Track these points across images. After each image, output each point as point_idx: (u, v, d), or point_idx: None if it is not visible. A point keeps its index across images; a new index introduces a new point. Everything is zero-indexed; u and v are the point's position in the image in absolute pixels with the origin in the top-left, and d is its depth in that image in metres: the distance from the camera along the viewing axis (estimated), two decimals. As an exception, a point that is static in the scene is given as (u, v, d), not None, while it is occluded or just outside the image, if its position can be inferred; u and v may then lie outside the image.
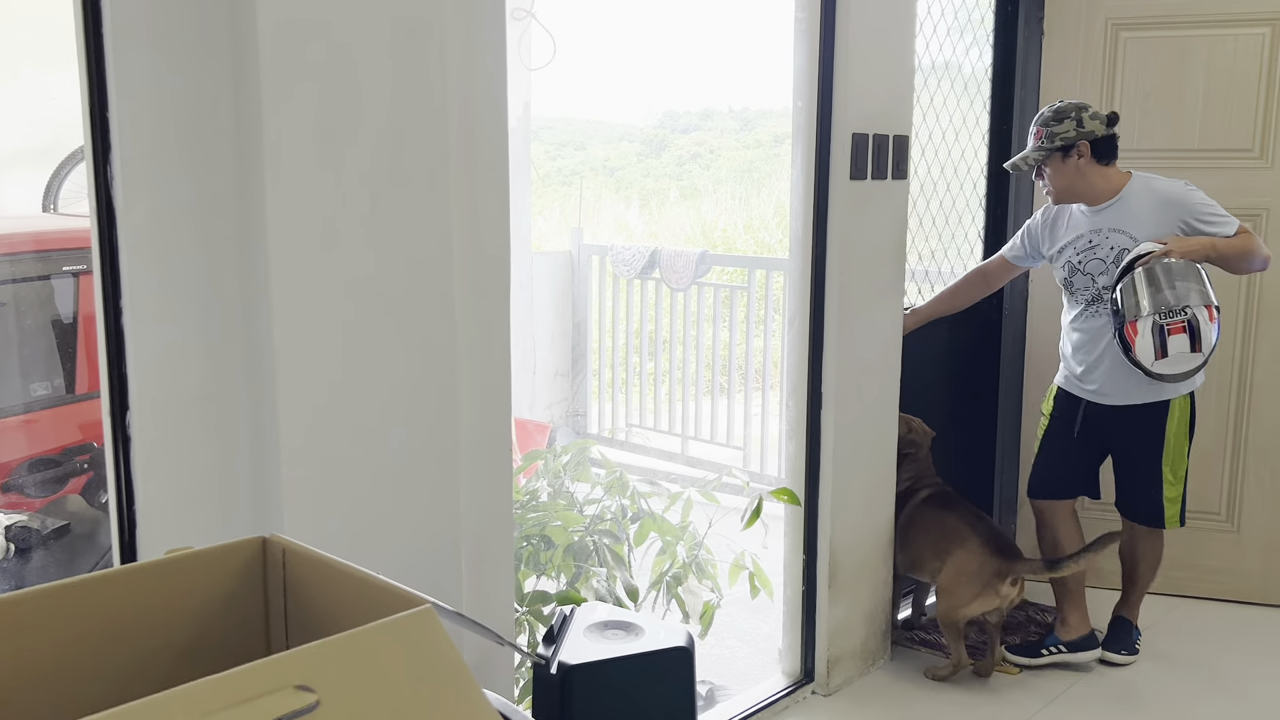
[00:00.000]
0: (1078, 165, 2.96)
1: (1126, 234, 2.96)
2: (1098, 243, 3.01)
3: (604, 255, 5.74)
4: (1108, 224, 2.99)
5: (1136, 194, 2.97)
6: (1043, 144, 2.96)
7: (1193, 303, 2.75)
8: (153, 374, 1.60)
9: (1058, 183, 2.99)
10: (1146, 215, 2.94)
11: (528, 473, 3.01)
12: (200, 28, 1.58)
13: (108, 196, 1.55)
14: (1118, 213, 2.99)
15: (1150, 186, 2.98)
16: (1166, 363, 2.79)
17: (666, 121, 16.04)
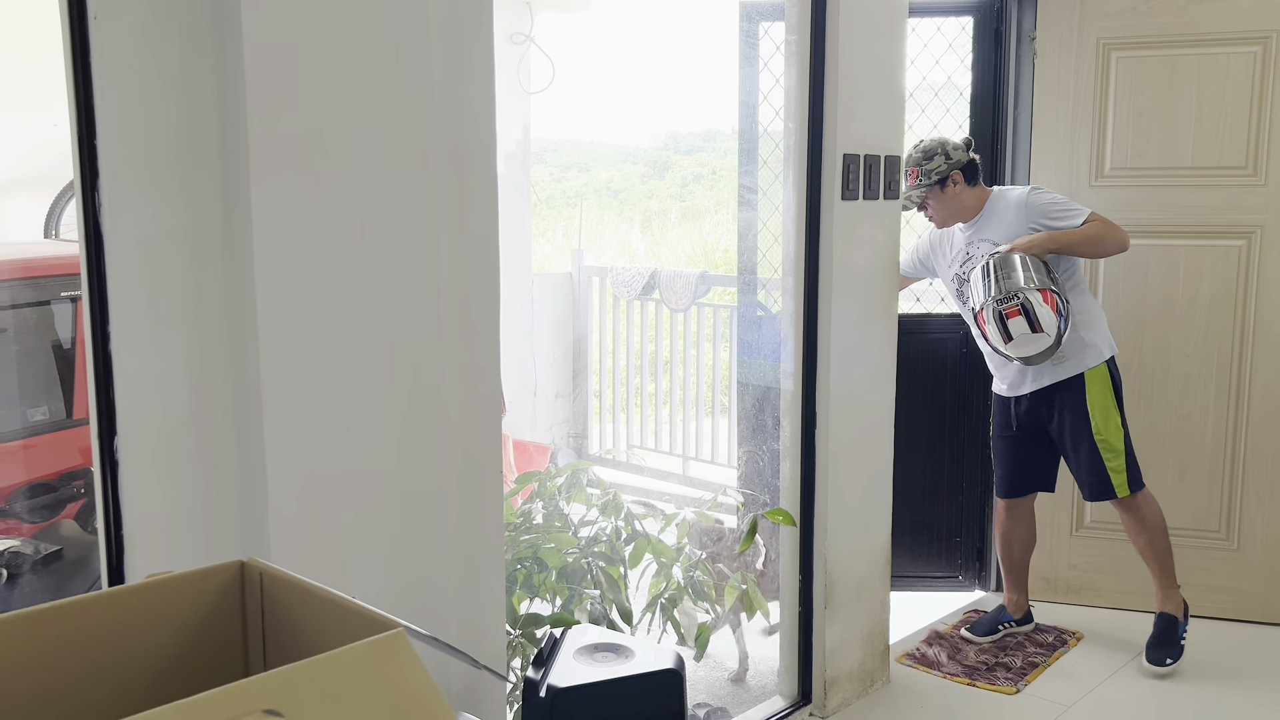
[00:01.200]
0: (955, 192, 3.28)
1: (990, 240, 3.25)
2: (972, 254, 3.31)
3: (604, 277, 5.77)
4: (977, 235, 3.31)
5: (995, 204, 3.30)
6: (920, 181, 3.26)
7: (1024, 287, 3.00)
8: (141, 399, 1.61)
9: (940, 211, 3.31)
10: (1004, 222, 3.25)
11: (523, 494, 3.01)
12: (186, 57, 1.60)
13: (96, 223, 1.57)
14: (983, 224, 3.31)
15: (1004, 196, 3.31)
16: (1015, 345, 3.04)
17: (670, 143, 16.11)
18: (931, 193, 3.27)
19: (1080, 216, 3.15)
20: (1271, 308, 3.53)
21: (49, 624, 1.05)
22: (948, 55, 3.73)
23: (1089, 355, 3.22)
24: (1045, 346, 3.03)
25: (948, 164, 3.24)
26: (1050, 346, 3.04)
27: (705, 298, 5.48)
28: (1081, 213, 3.16)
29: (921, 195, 3.27)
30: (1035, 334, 3.00)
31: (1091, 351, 3.22)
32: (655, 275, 5.53)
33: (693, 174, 15.47)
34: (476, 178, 1.92)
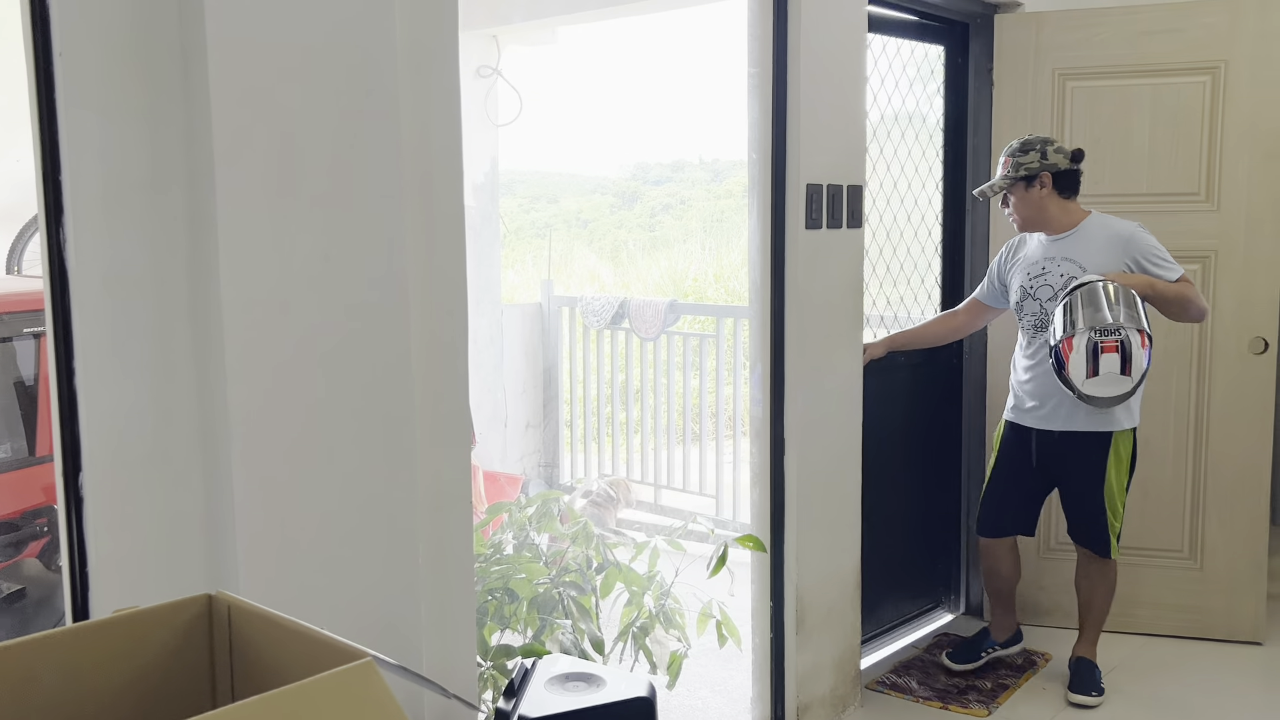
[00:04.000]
0: (1040, 195, 3.14)
1: (1076, 263, 3.10)
2: (1049, 270, 3.16)
3: (574, 306, 5.78)
4: (1060, 253, 3.15)
5: (1092, 229, 3.14)
6: (1008, 173, 3.15)
7: (1127, 324, 2.88)
8: (106, 434, 1.61)
9: (1021, 211, 3.17)
10: (1098, 249, 3.10)
11: (493, 525, 3.01)
12: (152, 93, 1.61)
13: (60, 259, 1.57)
14: (1072, 244, 3.15)
15: (1106, 223, 3.15)
16: (1097, 382, 2.90)
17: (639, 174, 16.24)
18: (1015, 188, 3.15)
19: (1176, 273, 3.05)
20: (1227, 331, 3.60)
21: (15, 660, 1.05)
22: (925, 84, 3.80)
23: (1124, 417, 3.13)
24: (1124, 391, 2.92)
25: (1041, 163, 3.12)
26: (1127, 393, 2.93)
27: (675, 326, 5.51)
28: (1178, 269, 3.06)
29: (1004, 186, 3.15)
30: (1122, 376, 2.88)
31: (1126, 415, 3.14)
32: (625, 304, 5.56)
33: (661, 204, 15.59)
34: (443, 210, 1.94)
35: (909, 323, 3.81)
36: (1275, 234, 3.56)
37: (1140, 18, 3.62)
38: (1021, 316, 3.24)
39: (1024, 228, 3.22)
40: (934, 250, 3.85)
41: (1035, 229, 3.21)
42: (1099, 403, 2.97)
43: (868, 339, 3.48)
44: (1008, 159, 3.15)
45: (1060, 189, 3.15)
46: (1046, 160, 3.12)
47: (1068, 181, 3.15)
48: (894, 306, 3.79)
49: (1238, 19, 3.51)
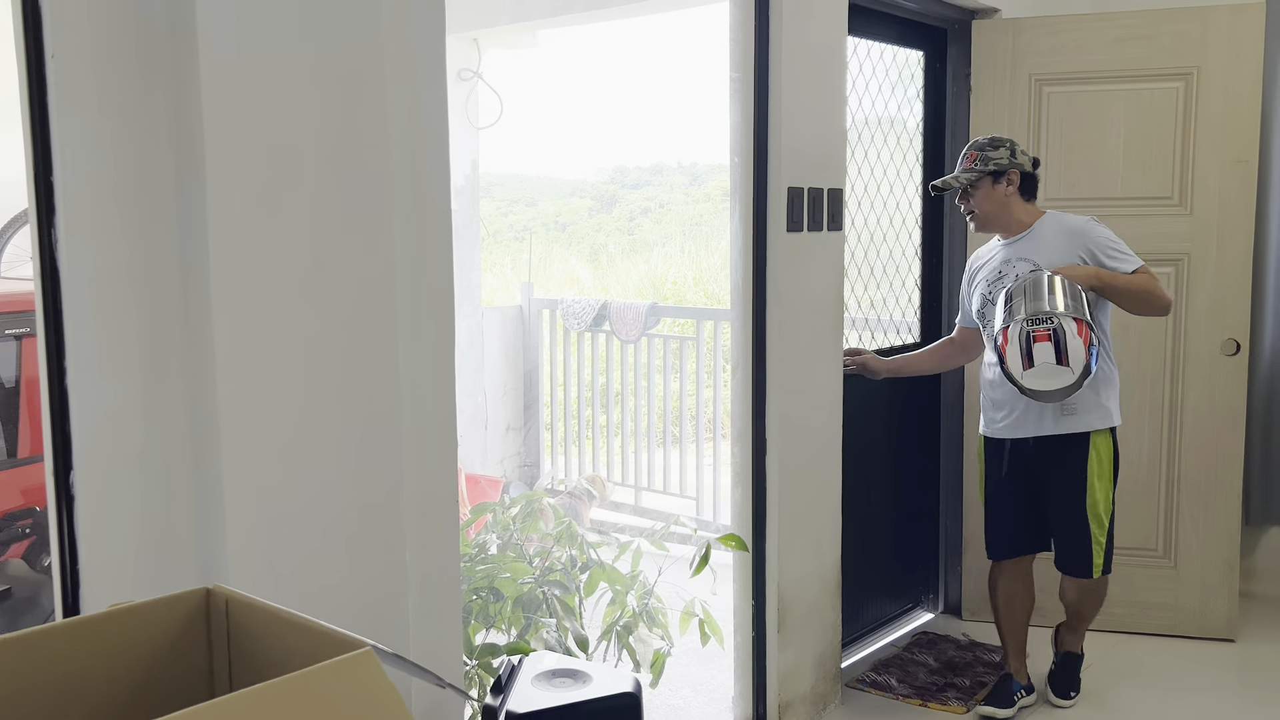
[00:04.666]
0: (1005, 193, 3.05)
1: (1032, 262, 3.00)
2: (1005, 272, 3.06)
3: (554, 309, 5.80)
4: (1017, 254, 3.06)
5: (1046, 226, 3.06)
6: (976, 166, 3.03)
7: (1060, 312, 2.75)
8: (97, 433, 1.62)
9: (983, 206, 3.06)
10: (1053, 246, 3.01)
11: (477, 526, 3.02)
12: (144, 95, 1.62)
13: (52, 259, 1.58)
14: (1027, 244, 3.06)
15: (1059, 219, 3.07)
16: (1034, 374, 2.78)
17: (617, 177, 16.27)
18: (982, 183, 3.03)
19: (1132, 264, 2.94)
20: (1200, 332, 3.66)
21: (15, 653, 1.06)
22: (905, 89, 3.84)
23: (1098, 415, 3.00)
24: (1066, 384, 2.78)
25: (1011, 161, 3.03)
26: (1071, 385, 2.79)
27: (655, 329, 5.54)
28: (1134, 261, 2.95)
29: (971, 178, 3.03)
30: (1059, 367, 2.75)
31: (1100, 412, 3.00)
32: (605, 307, 5.58)
33: (640, 207, 15.62)
34: (430, 213, 1.96)
35: (890, 325, 3.85)
36: (1246, 237, 3.62)
37: (1115, 24, 3.68)
38: (984, 325, 3.14)
39: (981, 226, 3.12)
40: (914, 253, 3.90)
41: (992, 228, 3.12)
42: (1043, 396, 2.84)
43: (850, 341, 3.52)
44: (974, 154, 3.05)
45: (1023, 190, 3.08)
46: (1015, 159, 3.05)
47: (1030, 183, 3.09)
48: (876, 308, 3.83)
49: (1210, 27, 3.58)
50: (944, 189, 3.14)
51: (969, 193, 3.07)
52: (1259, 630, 3.82)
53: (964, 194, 3.09)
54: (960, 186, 3.07)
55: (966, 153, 3.09)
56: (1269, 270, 3.98)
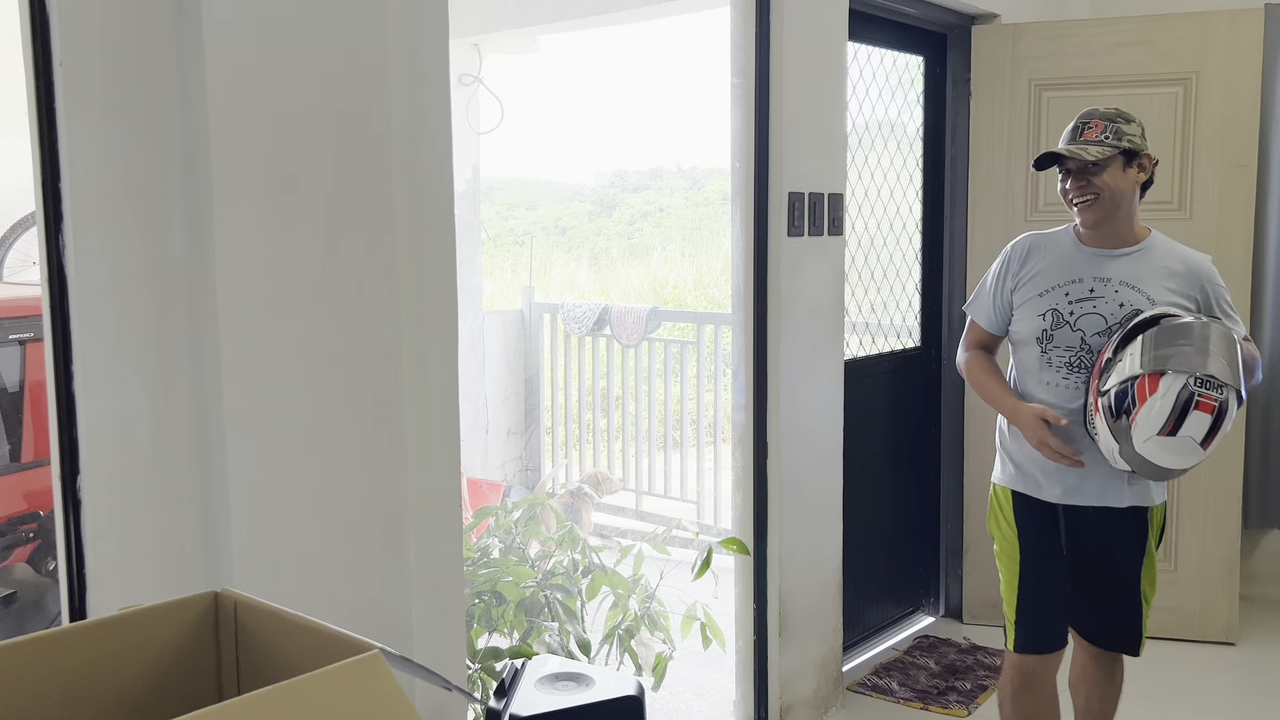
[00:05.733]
0: (1132, 183, 2.34)
1: (1143, 294, 2.32)
2: (1103, 294, 2.34)
3: (555, 313, 5.81)
4: (1119, 274, 2.35)
5: (1160, 252, 2.38)
6: (1107, 138, 2.31)
7: (1234, 384, 2.16)
8: (104, 438, 1.63)
9: (1109, 194, 2.31)
10: (1166, 278, 2.35)
11: (479, 530, 3.03)
12: (152, 101, 1.63)
13: (59, 264, 1.59)
14: (1134, 265, 2.36)
15: (1172, 247, 2.40)
16: (1167, 445, 2.14)
17: (617, 181, 16.29)
18: (1114, 164, 2.30)
19: (1242, 327, 2.39)
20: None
21: (27, 656, 1.07)
22: (905, 94, 3.86)
23: (1155, 491, 2.43)
24: (1187, 466, 2.19)
25: (1144, 141, 2.36)
26: (1182, 470, 2.21)
27: (655, 333, 5.55)
28: (1241, 326, 2.39)
29: (1105, 154, 2.28)
30: (1199, 447, 2.14)
31: (1158, 489, 2.44)
32: (606, 311, 5.59)
33: (640, 211, 15.64)
34: (433, 217, 1.97)
35: (890, 330, 3.86)
36: (1245, 242, 3.63)
37: (1114, 30, 3.69)
38: (1047, 349, 2.39)
39: (1094, 218, 2.34)
40: (914, 257, 3.91)
41: (1106, 223, 2.35)
42: (1149, 471, 2.22)
43: (850, 346, 3.53)
44: (1099, 123, 2.32)
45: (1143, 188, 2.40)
46: (1146, 141, 2.37)
47: (1147, 185, 2.40)
48: (877, 313, 3.84)
49: (1209, 32, 3.59)
50: (1074, 158, 2.31)
51: (1087, 170, 2.32)
52: (1259, 633, 3.83)
53: (1080, 171, 2.33)
54: (1087, 162, 2.30)
55: (1087, 123, 2.35)
56: (1268, 275, 3.98)
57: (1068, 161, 2.34)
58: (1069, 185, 2.36)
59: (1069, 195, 2.36)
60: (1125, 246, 2.37)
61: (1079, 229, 2.41)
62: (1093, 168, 2.30)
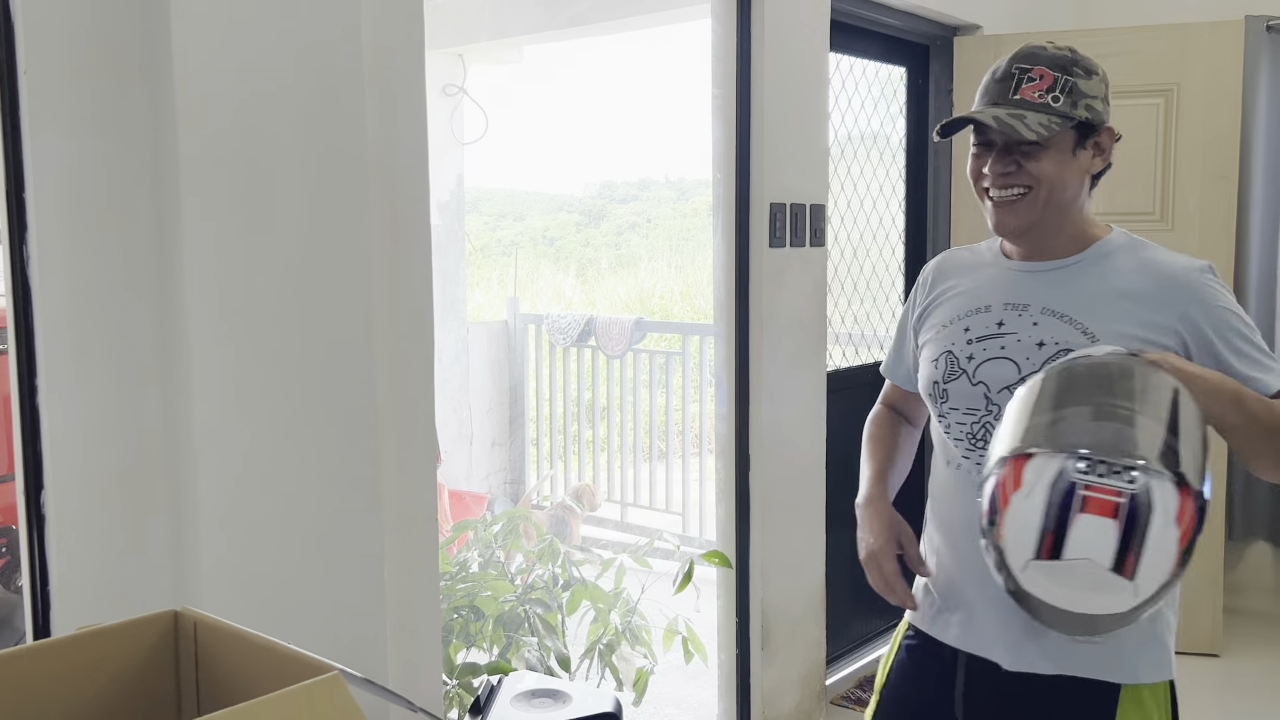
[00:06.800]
0: (1087, 169, 1.54)
1: (1077, 326, 1.49)
2: (1015, 328, 1.54)
3: (540, 324, 5.79)
4: (1044, 298, 1.53)
5: (1117, 260, 1.54)
6: (1056, 100, 1.49)
7: (1154, 460, 1.23)
8: (69, 453, 1.60)
9: (1048, 186, 1.50)
10: (1118, 301, 1.51)
11: (458, 543, 3.00)
12: (119, 109, 1.61)
13: (24, 276, 1.57)
14: (1069, 283, 1.53)
15: (1144, 254, 1.55)
16: (1048, 574, 1.25)
17: (605, 192, 16.31)
18: (1060, 144, 1.50)
19: (1276, 378, 1.47)
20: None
21: (-24, 679, 1.04)
22: (888, 105, 3.86)
23: (1144, 657, 1.52)
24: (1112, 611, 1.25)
25: (1106, 106, 1.55)
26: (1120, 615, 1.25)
27: (641, 344, 5.53)
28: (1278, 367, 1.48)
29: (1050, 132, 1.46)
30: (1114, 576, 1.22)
31: (1150, 653, 1.52)
32: (591, 322, 5.58)
33: (628, 222, 15.65)
34: (410, 227, 1.95)
35: (874, 340, 3.85)
36: (1228, 253, 3.64)
37: (1095, 41, 3.69)
38: (943, 413, 1.62)
39: (1017, 225, 1.53)
40: (897, 268, 3.90)
41: (1036, 227, 1.53)
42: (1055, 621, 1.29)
43: (833, 357, 3.52)
44: (1046, 72, 1.50)
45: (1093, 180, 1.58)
46: (1109, 105, 1.56)
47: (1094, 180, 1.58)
48: (860, 324, 3.83)
49: (1189, 44, 3.60)
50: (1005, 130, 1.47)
51: (1018, 149, 1.50)
52: (1243, 645, 3.82)
53: (1008, 148, 1.51)
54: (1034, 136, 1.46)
55: (1027, 70, 1.51)
56: (1250, 286, 3.99)
57: (988, 130, 1.50)
58: (987, 167, 1.53)
59: (984, 181, 1.54)
60: (1058, 256, 1.55)
61: None
62: (1028, 146, 1.49)
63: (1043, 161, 1.50)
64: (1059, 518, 1.24)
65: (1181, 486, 1.23)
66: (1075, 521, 1.23)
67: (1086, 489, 1.23)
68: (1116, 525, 1.22)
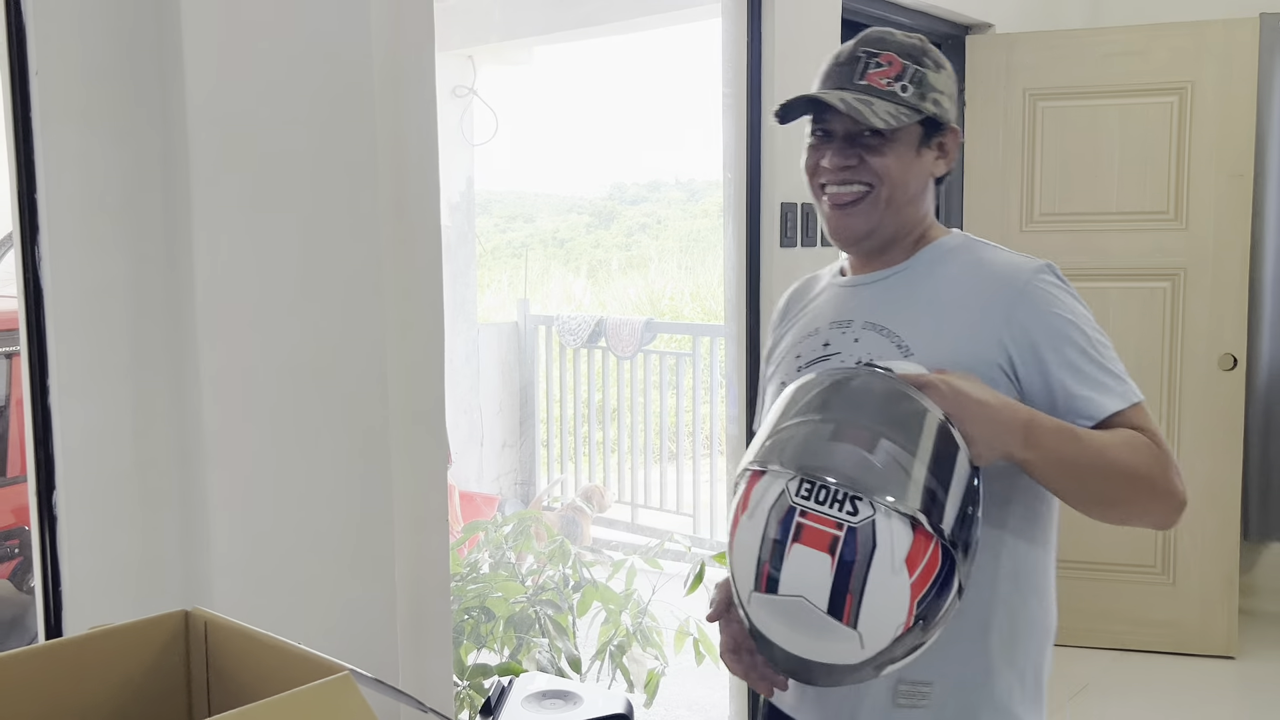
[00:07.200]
0: (930, 172, 1.41)
1: (895, 340, 1.34)
2: (839, 348, 1.39)
3: (550, 325, 5.79)
4: (867, 312, 1.40)
5: (949, 265, 1.40)
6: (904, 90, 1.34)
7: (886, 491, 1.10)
8: (81, 453, 1.60)
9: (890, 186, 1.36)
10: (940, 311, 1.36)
11: (469, 544, 3.00)
12: (130, 110, 1.61)
13: (36, 276, 1.57)
14: (891, 293, 1.40)
15: (976, 256, 1.40)
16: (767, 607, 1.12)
17: (615, 193, 16.31)
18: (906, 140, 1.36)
19: (1120, 398, 1.29)
20: (1196, 347, 3.65)
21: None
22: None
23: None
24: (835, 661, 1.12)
25: (953, 105, 1.41)
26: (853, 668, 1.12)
27: (651, 345, 5.53)
28: (1126, 391, 1.30)
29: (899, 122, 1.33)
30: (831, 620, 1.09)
31: None
32: (601, 323, 5.57)
33: (638, 223, 15.65)
34: (420, 229, 1.95)
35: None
36: (1243, 251, 3.62)
37: (1109, 40, 3.68)
38: None
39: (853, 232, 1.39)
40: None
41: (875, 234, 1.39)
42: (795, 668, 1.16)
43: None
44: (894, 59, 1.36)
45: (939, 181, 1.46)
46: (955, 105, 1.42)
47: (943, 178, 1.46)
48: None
49: (1204, 41, 3.58)
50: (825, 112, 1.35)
51: (861, 140, 1.35)
52: (1259, 647, 3.79)
53: (850, 140, 1.36)
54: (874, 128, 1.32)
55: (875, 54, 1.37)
56: (1266, 284, 3.96)
57: (830, 118, 1.35)
58: (826, 160, 1.37)
59: (821, 177, 1.39)
60: (888, 264, 1.41)
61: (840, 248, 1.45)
62: (872, 139, 1.34)
63: (887, 157, 1.36)
64: (775, 547, 1.11)
65: (918, 527, 1.09)
66: (790, 552, 1.10)
67: (803, 516, 1.10)
68: (830, 562, 1.08)
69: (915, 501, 1.09)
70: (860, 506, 1.09)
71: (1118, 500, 1.29)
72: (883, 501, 1.09)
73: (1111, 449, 1.25)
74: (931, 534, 1.10)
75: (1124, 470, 1.25)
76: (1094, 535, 3.40)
